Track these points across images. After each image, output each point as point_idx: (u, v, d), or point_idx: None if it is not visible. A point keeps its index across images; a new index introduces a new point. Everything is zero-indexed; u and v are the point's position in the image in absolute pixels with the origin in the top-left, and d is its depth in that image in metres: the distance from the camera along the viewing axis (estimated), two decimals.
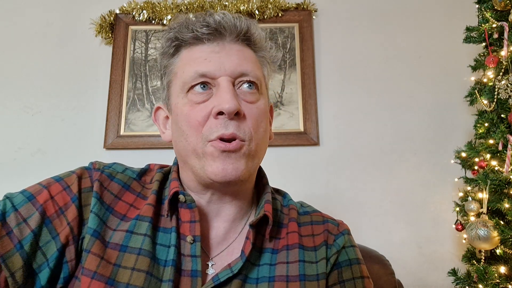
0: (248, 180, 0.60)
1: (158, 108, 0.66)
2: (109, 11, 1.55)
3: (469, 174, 1.23)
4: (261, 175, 0.66)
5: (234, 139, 0.54)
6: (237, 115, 0.54)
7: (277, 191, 0.71)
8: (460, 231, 1.19)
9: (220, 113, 0.54)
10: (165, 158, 1.13)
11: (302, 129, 1.44)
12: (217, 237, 0.59)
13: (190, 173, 0.59)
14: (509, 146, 1.06)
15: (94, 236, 0.52)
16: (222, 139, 0.53)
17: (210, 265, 0.57)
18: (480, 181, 1.07)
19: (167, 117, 0.64)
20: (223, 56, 0.57)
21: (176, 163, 0.64)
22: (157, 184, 0.60)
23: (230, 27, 0.57)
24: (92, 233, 0.52)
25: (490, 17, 1.18)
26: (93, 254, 0.51)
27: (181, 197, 0.57)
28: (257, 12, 1.52)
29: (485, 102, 1.16)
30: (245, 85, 0.57)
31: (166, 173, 0.64)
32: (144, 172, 0.64)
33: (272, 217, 0.59)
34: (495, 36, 1.17)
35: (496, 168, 1.08)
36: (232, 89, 0.55)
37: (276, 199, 0.66)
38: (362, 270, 0.60)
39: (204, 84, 0.56)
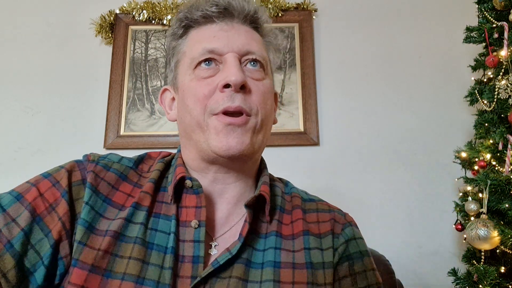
0: (252, 158, 0.60)
1: (165, 90, 0.66)
2: (109, 11, 1.55)
3: (469, 174, 1.23)
4: (262, 162, 0.66)
5: (241, 113, 0.54)
6: (243, 89, 0.55)
7: (279, 179, 0.70)
8: (460, 231, 1.19)
9: (227, 86, 0.54)
10: None
11: (302, 129, 1.44)
12: (220, 219, 0.59)
13: (193, 151, 0.59)
14: (509, 146, 1.06)
15: (89, 229, 0.51)
16: (227, 112, 0.54)
17: (213, 245, 0.56)
18: (480, 181, 1.07)
19: (173, 99, 0.65)
20: (231, 34, 0.58)
21: (179, 150, 0.64)
22: (156, 173, 0.60)
23: (239, 7, 0.59)
24: (88, 226, 0.52)
25: (490, 17, 1.18)
26: (88, 247, 0.50)
27: (187, 182, 0.56)
28: None
29: (485, 102, 1.16)
30: (251, 63, 0.58)
31: (167, 162, 0.63)
32: (141, 160, 0.64)
33: (271, 200, 0.59)
34: (495, 36, 1.17)
35: (496, 168, 1.08)
36: (239, 64, 0.57)
37: (277, 186, 0.65)
38: (372, 262, 0.60)
39: (210, 60, 0.57)
